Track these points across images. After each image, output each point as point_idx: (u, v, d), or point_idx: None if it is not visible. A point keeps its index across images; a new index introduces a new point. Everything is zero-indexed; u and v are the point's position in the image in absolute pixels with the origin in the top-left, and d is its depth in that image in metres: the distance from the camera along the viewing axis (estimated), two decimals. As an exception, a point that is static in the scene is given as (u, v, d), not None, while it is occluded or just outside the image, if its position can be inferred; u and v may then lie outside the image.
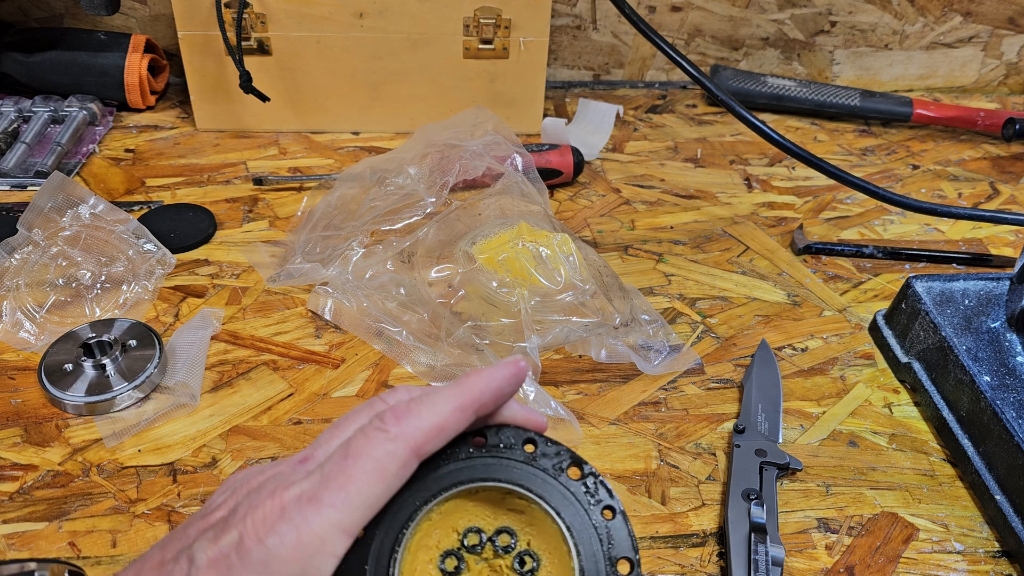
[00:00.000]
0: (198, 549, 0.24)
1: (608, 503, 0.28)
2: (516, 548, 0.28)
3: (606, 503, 0.28)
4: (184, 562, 0.24)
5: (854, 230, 0.63)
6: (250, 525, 0.24)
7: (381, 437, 0.25)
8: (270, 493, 0.24)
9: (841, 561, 0.39)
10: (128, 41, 0.70)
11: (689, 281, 0.57)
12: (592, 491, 0.28)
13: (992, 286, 0.51)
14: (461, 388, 0.26)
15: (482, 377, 0.26)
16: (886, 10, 0.79)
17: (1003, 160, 0.74)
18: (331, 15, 0.65)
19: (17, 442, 0.43)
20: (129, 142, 0.68)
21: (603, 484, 0.28)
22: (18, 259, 0.51)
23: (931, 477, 0.44)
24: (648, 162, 0.70)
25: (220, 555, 0.23)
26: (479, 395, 0.26)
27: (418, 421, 0.25)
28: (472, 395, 0.26)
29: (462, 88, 0.69)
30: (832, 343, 0.52)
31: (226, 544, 0.24)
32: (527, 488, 0.27)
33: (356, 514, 0.24)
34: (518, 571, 0.28)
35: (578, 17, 0.78)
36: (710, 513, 0.41)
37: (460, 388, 0.26)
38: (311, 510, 0.23)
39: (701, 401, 0.47)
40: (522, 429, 0.28)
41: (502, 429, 0.28)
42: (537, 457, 0.28)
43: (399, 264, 0.52)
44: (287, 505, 0.24)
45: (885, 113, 0.77)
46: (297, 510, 0.23)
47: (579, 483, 0.28)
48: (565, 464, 0.28)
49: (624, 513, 0.28)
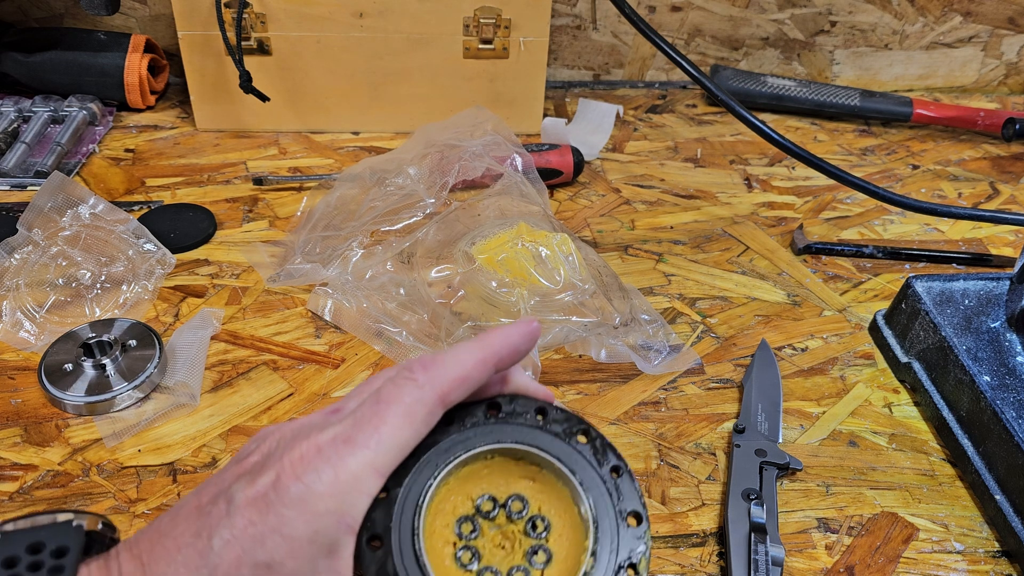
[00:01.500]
0: (236, 490, 0.25)
1: (615, 463, 0.30)
2: (527, 513, 0.30)
3: (613, 463, 0.29)
4: (222, 503, 0.25)
5: (854, 230, 0.63)
6: (287, 465, 0.25)
7: (410, 385, 0.26)
8: (305, 436, 0.25)
9: (841, 561, 0.39)
10: (128, 41, 0.70)
11: (689, 281, 0.57)
12: (600, 452, 0.30)
13: (992, 286, 0.51)
14: (482, 343, 0.28)
15: (500, 334, 0.28)
16: (886, 10, 0.79)
17: (1003, 160, 0.74)
18: (331, 15, 0.65)
19: (17, 442, 0.43)
20: (129, 142, 0.68)
21: (610, 447, 0.30)
22: (18, 259, 0.51)
23: (931, 477, 0.44)
24: (648, 162, 0.70)
25: (258, 494, 0.24)
26: (498, 349, 0.28)
27: (444, 370, 0.27)
28: (492, 349, 0.28)
29: (462, 88, 0.69)
30: (832, 343, 0.52)
31: (263, 484, 0.25)
32: (541, 448, 0.29)
33: (388, 455, 0.25)
34: (530, 534, 0.29)
35: (578, 17, 0.78)
36: (710, 513, 0.41)
37: (481, 343, 0.28)
38: (346, 450, 0.25)
39: (701, 401, 0.47)
40: (533, 399, 0.30)
41: (515, 398, 0.30)
42: (548, 423, 0.30)
43: (399, 264, 0.52)
44: (323, 446, 0.25)
45: (885, 113, 0.77)
46: (333, 450, 0.25)
47: (587, 446, 0.29)
48: (575, 429, 0.30)
49: (631, 472, 0.29)
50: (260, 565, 0.24)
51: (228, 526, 0.24)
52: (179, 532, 0.25)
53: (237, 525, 0.24)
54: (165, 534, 0.26)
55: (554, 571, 0.29)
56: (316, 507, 0.24)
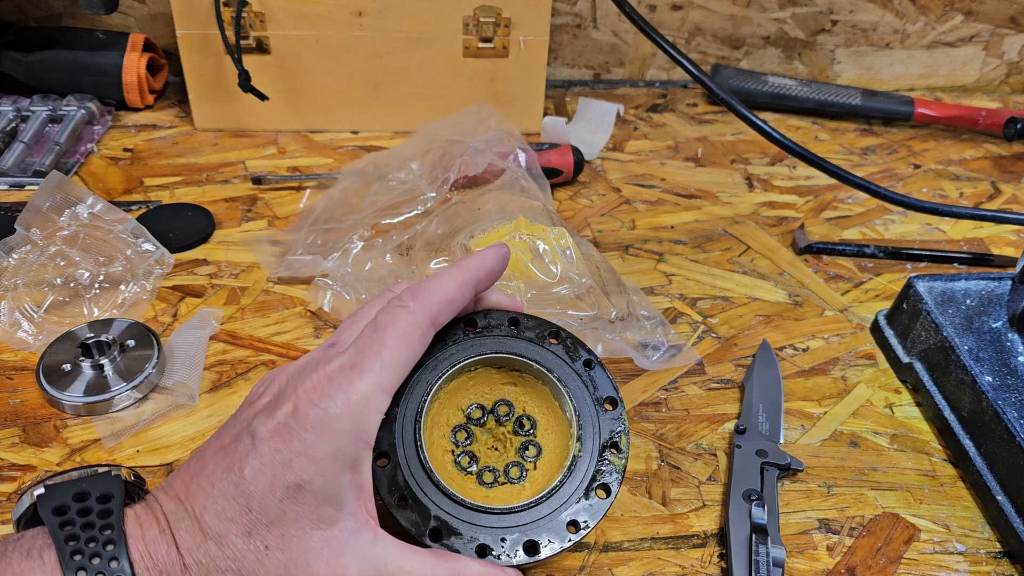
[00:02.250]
0: (258, 425, 0.27)
1: (587, 358, 0.33)
2: (514, 414, 0.32)
3: (585, 358, 0.33)
4: (246, 439, 0.27)
5: (855, 230, 0.63)
6: (302, 395, 0.27)
7: (403, 312, 0.29)
8: (313, 370, 0.28)
9: (842, 562, 0.39)
10: (126, 40, 0.70)
11: (690, 281, 0.57)
12: (572, 350, 0.32)
13: (994, 286, 0.51)
14: (461, 268, 0.31)
15: (476, 258, 0.31)
16: (887, 9, 0.79)
17: (1004, 160, 0.74)
18: (330, 14, 0.65)
19: (15, 442, 0.43)
20: (127, 141, 0.68)
21: (581, 344, 0.33)
22: (16, 259, 0.51)
23: (932, 478, 0.44)
24: (649, 161, 0.70)
25: (279, 425, 0.27)
26: (476, 272, 0.31)
27: (432, 295, 0.29)
28: (471, 272, 0.30)
29: (462, 87, 0.69)
30: (833, 343, 0.52)
31: (283, 415, 0.27)
32: (519, 355, 0.32)
33: (392, 375, 0.28)
34: (519, 433, 0.32)
35: (578, 16, 0.78)
36: (711, 514, 0.41)
37: (460, 268, 0.31)
38: (355, 375, 0.27)
39: (702, 401, 0.47)
40: (505, 311, 0.33)
41: (488, 313, 0.33)
42: (522, 331, 0.33)
43: (398, 257, 0.52)
44: (332, 374, 0.27)
45: (886, 112, 0.77)
46: (342, 377, 0.27)
47: (559, 346, 0.32)
48: (546, 332, 0.33)
49: (602, 363, 0.33)
50: (291, 486, 0.26)
51: (256, 456, 0.26)
52: (209, 470, 0.27)
53: (264, 454, 0.26)
54: (196, 473, 0.28)
55: (545, 461, 0.32)
56: (335, 427, 0.26)
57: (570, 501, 0.30)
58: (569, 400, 0.31)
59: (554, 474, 0.31)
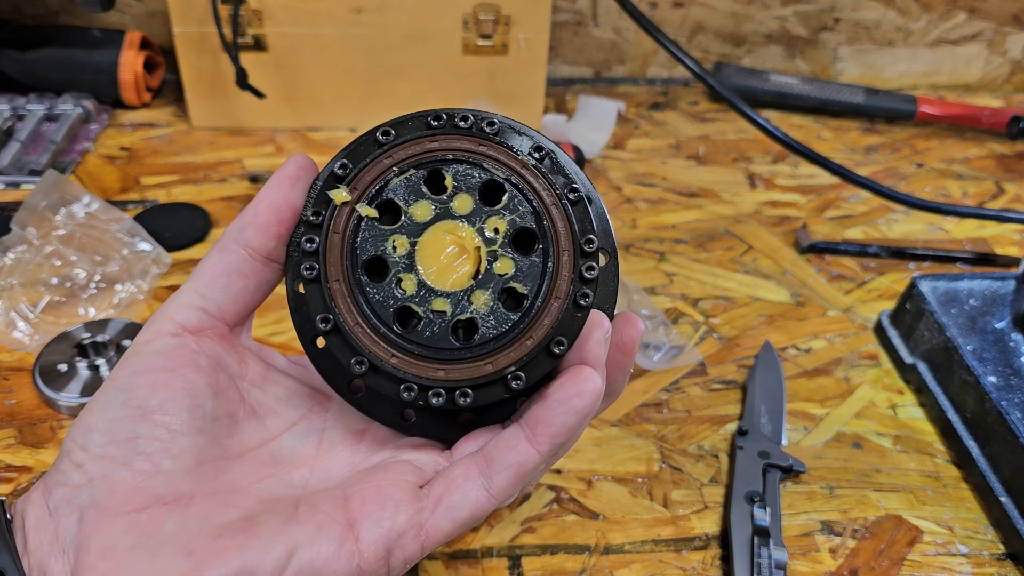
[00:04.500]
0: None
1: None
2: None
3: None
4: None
5: (858, 229, 0.63)
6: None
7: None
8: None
9: (845, 564, 0.39)
10: (123, 38, 0.69)
11: (691, 281, 0.56)
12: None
13: (997, 286, 0.50)
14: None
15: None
16: (890, 7, 0.79)
17: (1008, 158, 0.73)
18: (328, 11, 0.64)
19: (11, 443, 0.42)
20: (124, 140, 0.68)
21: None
22: (12, 258, 0.51)
23: (936, 479, 0.43)
24: (650, 160, 0.70)
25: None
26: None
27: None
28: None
29: (461, 85, 0.69)
30: (836, 343, 0.52)
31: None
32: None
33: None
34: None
35: (579, 13, 0.77)
36: (713, 516, 0.41)
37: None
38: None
39: (704, 402, 0.47)
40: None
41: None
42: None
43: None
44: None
45: (889, 111, 0.76)
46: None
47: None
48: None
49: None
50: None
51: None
52: None
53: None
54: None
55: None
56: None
57: None
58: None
59: None
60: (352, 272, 0.26)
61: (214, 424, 0.26)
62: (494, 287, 0.27)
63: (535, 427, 0.25)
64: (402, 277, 0.27)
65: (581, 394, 0.25)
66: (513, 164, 0.27)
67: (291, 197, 0.27)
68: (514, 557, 0.38)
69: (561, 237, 0.27)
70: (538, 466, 0.26)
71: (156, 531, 0.24)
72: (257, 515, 0.25)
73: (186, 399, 0.26)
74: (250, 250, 0.27)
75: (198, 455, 0.25)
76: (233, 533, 0.24)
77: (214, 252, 0.28)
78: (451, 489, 0.26)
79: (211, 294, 0.28)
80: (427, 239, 0.27)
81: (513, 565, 0.38)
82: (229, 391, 0.27)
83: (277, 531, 0.24)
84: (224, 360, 0.28)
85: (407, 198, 0.27)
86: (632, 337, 0.28)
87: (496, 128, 0.27)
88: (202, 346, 0.27)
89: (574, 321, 0.26)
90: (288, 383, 0.30)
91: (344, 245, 0.27)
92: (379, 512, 0.25)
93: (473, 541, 0.39)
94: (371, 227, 0.27)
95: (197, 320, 0.27)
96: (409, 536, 0.25)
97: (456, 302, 0.26)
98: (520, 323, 0.26)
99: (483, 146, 0.27)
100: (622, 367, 0.28)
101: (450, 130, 0.27)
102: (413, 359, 0.26)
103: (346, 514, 0.25)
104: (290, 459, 0.28)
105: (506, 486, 0.26)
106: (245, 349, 0.29)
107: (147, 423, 0.25)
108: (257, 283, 0.28)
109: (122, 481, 0.24)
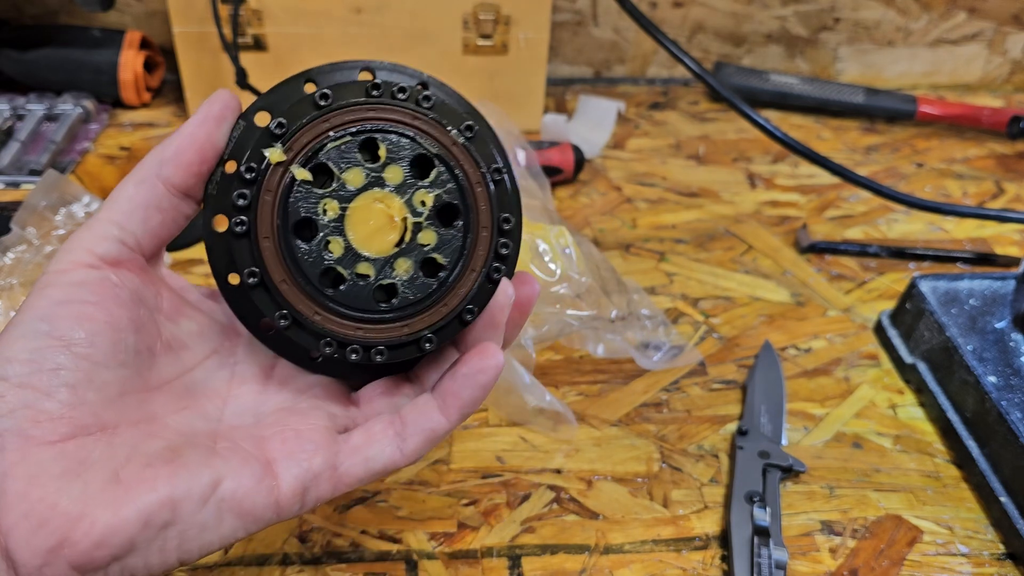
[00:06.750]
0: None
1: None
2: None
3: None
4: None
5: (858, 228, 0.63)
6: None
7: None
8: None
9: (845, 564, 0.39)
10: (123, 38, 0.69)
11: (692, 280, 0.56)
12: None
13: (997, 285, 0.50)
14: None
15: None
16: (890, 6, 0.79)
17: (1008, 158, 0.73)
18: (328, 10, 0.64)
19: (10, 444, 0.42)
20: (124, 140, 0.68)
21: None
22: (12, 258, 0.51)
23: (936, 479, 0.43)
24: (650, 160, 0.70)
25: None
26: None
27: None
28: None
29: (461, 84, 0.68)
30: (836, 343, 0.52)
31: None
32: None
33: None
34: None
35: (579, 13, 0.77)
36: (713, 516, 0.41)
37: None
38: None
39: (704, 402, 0.47)
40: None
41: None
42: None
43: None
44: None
45: (889, 110, 0.76)
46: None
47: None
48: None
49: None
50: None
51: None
52: None
53: None
54: None
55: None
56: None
57: None
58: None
59: None
60: (283, 231, 0.27)
61: (135, 358, 0.27)
62: (416, 256, 0.28)
63: (445, 398, 0.28)
64: (330, 240, 0.28)
65: (485, 370, 0.28)
66: (444, 140, 0.28)
67: (215, 136, 0.28)
68: (514, 557, 0.38)
69: (482, 215, 0.28)
70: (447, 432, 0.28)
71: (84, 459, 0.24)
72: (181, 447, 0.26)
73: (110, 333, 0.26)
74: (170, 185, 0.28)
75: (120, 387, 0.26)
76: (161, 463, 0.25)
77: (130, 183, 0.28)
78: (370, 442, 0.28)
79: (129, 226, 0.28)
80: (357, 205, 0.28)
81: (513, 565, 0.38)
82: (148, 325, 0.28)
83: (202, 462, 0.25)
84: (143, 294, 0.28)
85: (341, 164, 0.28)
86: (528, 296, 0.30)
87: (432, 103, 0.28)
88: (123, 280, 0.27)
89: (486, 291, 0.28)
90: (200, 318, 0.31)
91: (276, 203, 0.27)
92: (298, 453, 0.27)
93: (473, 541, 0.39)
94: (304, 189, 0.28)
95: (116, 252, 0.27)
96: (324, 477, 0.27)
97: (379, 267, 0.28)
98: (437, 291, 0.28)
99: (418, 120, 0.28)
100: (517, 323, 0.30)
101: (388, 100, 0.28)
102: (335, 317, 0.28)
103: (265, 452, 0.27)
104: (203, 392, 0.29)
105: (417, 448, 0.28)
106: (161, 282, 0.30)
107: (71, 354, 0.25)
108: (174, 217, 0.29)
109: (46, 411, 0.24)
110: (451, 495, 0.41)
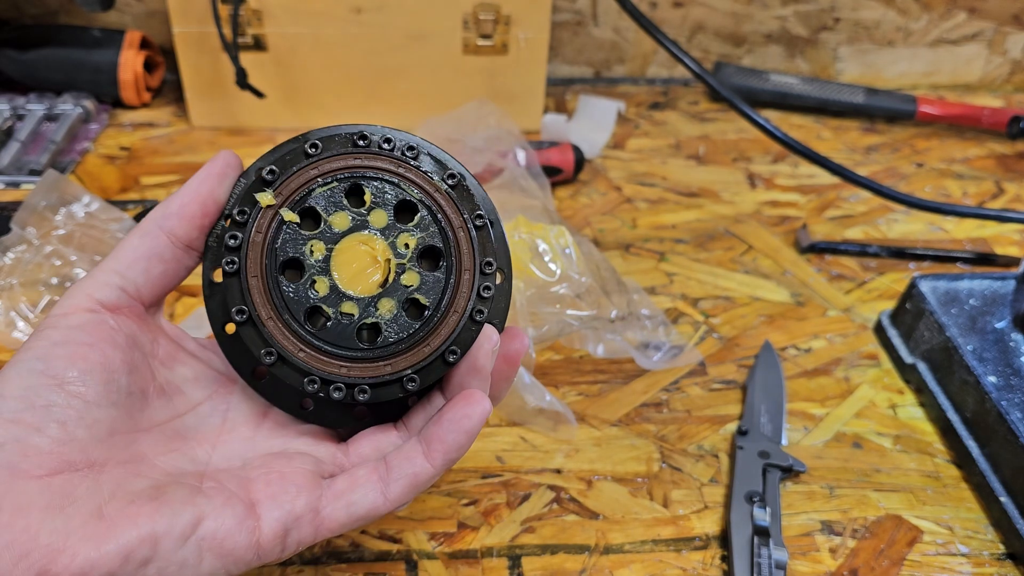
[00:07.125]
0: None
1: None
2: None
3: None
4: None
5: (858, 228, 0.63)
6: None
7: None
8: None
9: (845, 564, 0.39)
10: (123, 38, 0.69)
11: (692, 280, 0.56)
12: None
13: (997, 285, 0.50)
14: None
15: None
16: (890, 6, 0.79)
17: (1008, 158, 0.73)
18: (328, 10, 0.64)
19: (10, 444, 0.42)
20: (124, 140, 0.68)
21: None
22: (12, 258, 0.51)
23: (936, 479, 0.43)
24: (650, 160, 0.70)
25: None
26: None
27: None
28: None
29: (461, 84, 0.69)
30: (836, 343, 0.52)
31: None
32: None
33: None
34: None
35: (579, 13, 0.77)
36: (713, 516, 0.41)
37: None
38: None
39: (704, 402, 0.47)
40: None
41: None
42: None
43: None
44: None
45: (889, 110, 0.76)
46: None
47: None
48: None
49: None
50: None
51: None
52: None
53: None
54: None
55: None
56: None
57: None
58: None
59: None
60: (270, 270, 0.28)
61: (127, 399, 0.27)
62: (399, 297, 0.29)
63: (430, 443, 0.28)
64: (316, 279, 0.29)
65: (471, 416, 0.28)
66: (428, 188, 0.30)
67: (217, 192, 0.29)
68: (514, 557, 0.38)
69: (464, 258, 0.29)
70: (432, 478, 0.28)
71: (70, 493, 0.24)
72: (166, 486, 0.26)
73: (103, 373, 0.26)
74: (173, 237, 0.29)
75: (110, 426, 0.26)
76: (144, 500, 0.25)
77: (136, 235, 0.29)
78: (353, 487, 0.28)
79: (131, 275, 0.29)
80: (343, 247, 0.29)
81: (513, 565, 0.38)
82: (142, 368, 0.28)
83: (185, 501, 0.26)
84: (139, 339, 0.29)
85: (328, 208, 0.29)
86: (517, 350, 0.30)
87: (415, 153, 0.30)
88: (120, 324, 0.28)
89: (469, 333, 0.29)
90: (196, 365, 0.31)
91: (265, 244, 0.28)
92: (281, 495, 0.27)
93: (473, 541, 0.39)
94: (292, 230, 0.29)
95: (116, 299, 0.28)
96: (306, 520, 0.27)
97: (363, 307, 0.29)
98: (420, 331, 0.29)
99: (402, 168, 0.30)
100: (507, 376, 0.31)
101: (374, 150, 0.30)
102: (319, 355, 0.28)
103: (249, 494, 0.27)
104: (194, 436, 0.29)
105: (402, 493, 0.28)
106: (159, 329, 0.31)
107: (63, 392, 0.26)
108: (176, 268, 0.29)
109: (35, 446, 0.25)
110: (451, 495, 0.41)
